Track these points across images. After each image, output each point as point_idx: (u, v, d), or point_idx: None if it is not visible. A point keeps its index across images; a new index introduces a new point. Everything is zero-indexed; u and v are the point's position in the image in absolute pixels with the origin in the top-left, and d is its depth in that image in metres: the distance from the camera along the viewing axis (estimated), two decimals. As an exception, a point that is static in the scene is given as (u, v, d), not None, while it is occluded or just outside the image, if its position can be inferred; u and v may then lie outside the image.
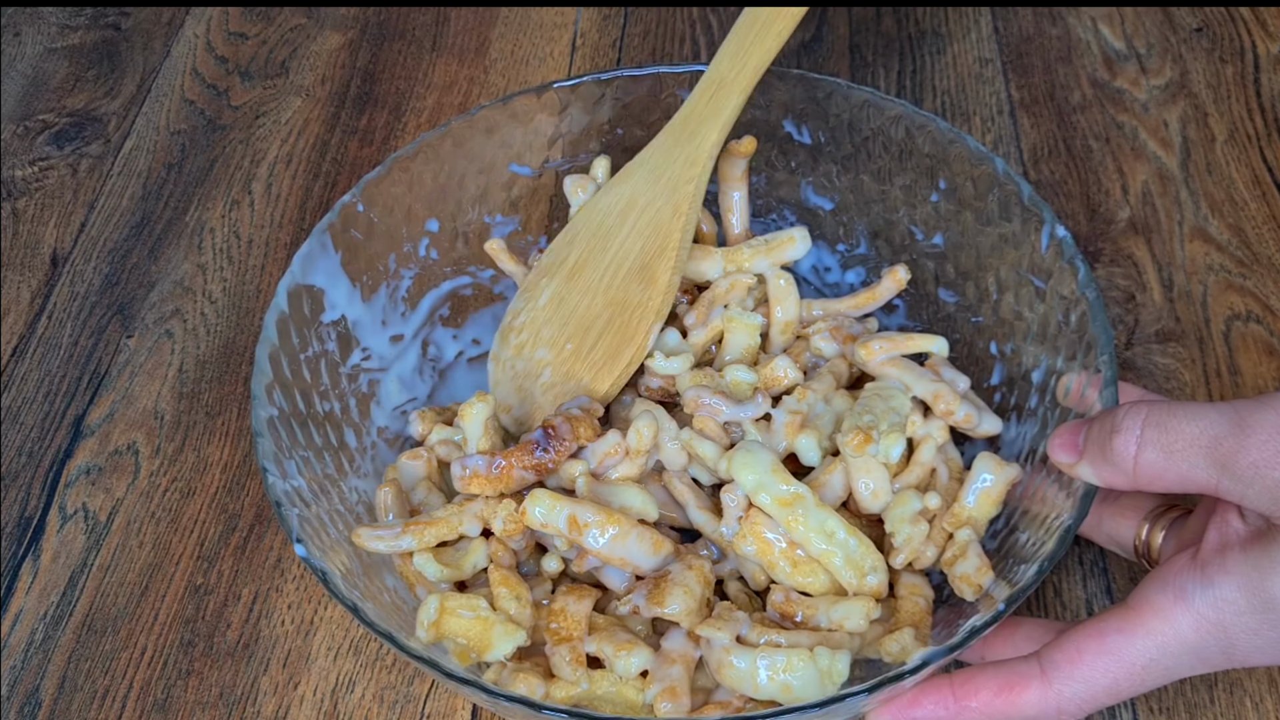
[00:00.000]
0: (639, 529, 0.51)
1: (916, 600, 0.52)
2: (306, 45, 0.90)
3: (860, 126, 0.63)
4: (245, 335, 0.71)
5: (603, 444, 0.54)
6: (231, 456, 0.66)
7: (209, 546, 0.62)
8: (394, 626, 0.48)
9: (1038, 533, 0.49)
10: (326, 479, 0.55)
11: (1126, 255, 0.71)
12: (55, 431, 0.67)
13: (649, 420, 0.53)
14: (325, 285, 0.59)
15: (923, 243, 0.63)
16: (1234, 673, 0.55)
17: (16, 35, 0.92)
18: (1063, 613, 0.57)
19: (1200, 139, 0.78)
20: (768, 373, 0.57)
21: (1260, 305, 0.68)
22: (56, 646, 0.59)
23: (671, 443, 0.55)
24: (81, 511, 0.64)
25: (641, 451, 0.53)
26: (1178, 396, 0.65)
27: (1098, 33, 0.85)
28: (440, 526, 0.53)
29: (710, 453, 0.54)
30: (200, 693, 0.57)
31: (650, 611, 0.50)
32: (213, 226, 0.78)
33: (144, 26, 0.92)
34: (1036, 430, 0.54)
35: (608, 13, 0.90)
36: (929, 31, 0.86)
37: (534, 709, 0.43)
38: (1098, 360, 0.51)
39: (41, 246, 0.77)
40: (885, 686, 0.43)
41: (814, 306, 0.61)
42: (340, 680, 0.57)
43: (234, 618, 0.60)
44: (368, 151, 0.82)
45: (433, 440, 0.57)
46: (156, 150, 0.83)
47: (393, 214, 0.62)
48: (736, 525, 0.51)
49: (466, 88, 0.86)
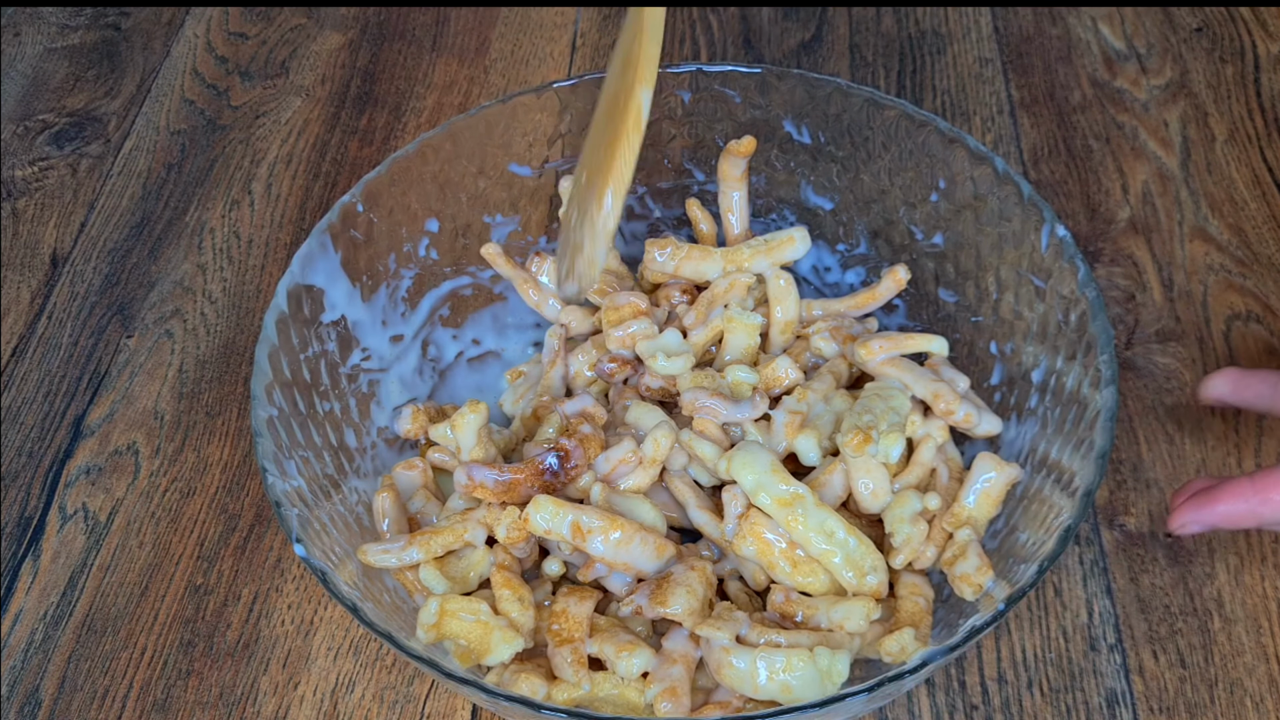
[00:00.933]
0: (642, 533, 0.51)
1: (916, 600, 0.52)
2: (306, 45, 0.90)
3: (860, 126, 0.63)
4: (245, 335, 0.71)
5: (616, 452, 0.54)
6: (231, 456, 0.66)
7: (209, 547, 0.62)
8: (394, 627, 0.48)
9: (1038, 532, 0.49)
10: (326, 479, 0.55)
11: (1127, 255, 0.71)
12: (55, 431, 0.67)
13: (667, 431, 0.53)
14: (325, 285, 0.59)
15: (923, 243, 0.63)
16: (1234, 672, 0.55)
17: (16, 35, 0.92)
18: (1063, 613, 0.57)
19: (1200, 139, 0.78)
20: (769, 373, 0.57)
21: (1260, 305, 0.68)
22: (56, 646, 0.59)
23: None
24: (81, 511, 0.64)
25: (657, 461, 0.53)
26: (1178, 396, 0.65)
27: (1098, 32, 0.85)
28: (446, 536, 0.53)
29: (710, 453, 0.54)
30: (200, 693, 0.57)
31: (654, 612, 0.50)
32: (213, 226, 0.78)
33: (144, 26, 0.92)
34: (1036, 430, 0.54)
35: (608, 12, 0.90)
36: (929, 31, 0.86)
37: (533, 709, 0.43)
38: (1098, 360, 0.51)
39: (41, 246, 0.77)
40: (885, 686, 0.43)
41: (814, 307, 0.61)
42: (340, 680, 0.57)
43: (234, 618, 0.60)
44: (368, 151, 0.82)
45: (423, 441, 0.57)
46: (156, 150, 0.83)
47: (392, 214, 0.62)
48: (736, 525, 0.51)
49: (466, 87, 0.86)
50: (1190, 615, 0.57)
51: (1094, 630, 0.57)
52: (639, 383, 0.59)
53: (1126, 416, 0.64)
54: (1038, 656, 0.56)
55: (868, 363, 0.56)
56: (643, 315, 0.59)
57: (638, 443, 0.54)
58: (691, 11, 0.89)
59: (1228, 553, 0.59)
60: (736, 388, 0.56)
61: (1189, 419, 0.64)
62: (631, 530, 0.50)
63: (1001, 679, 0.55)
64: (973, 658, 0.56)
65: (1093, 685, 0.55)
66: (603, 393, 0.62)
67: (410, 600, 0.53)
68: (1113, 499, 0.61)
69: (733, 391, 0.56)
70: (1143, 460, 0.62)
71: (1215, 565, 0.58)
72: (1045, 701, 0.55)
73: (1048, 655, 0.56)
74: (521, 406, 0.62)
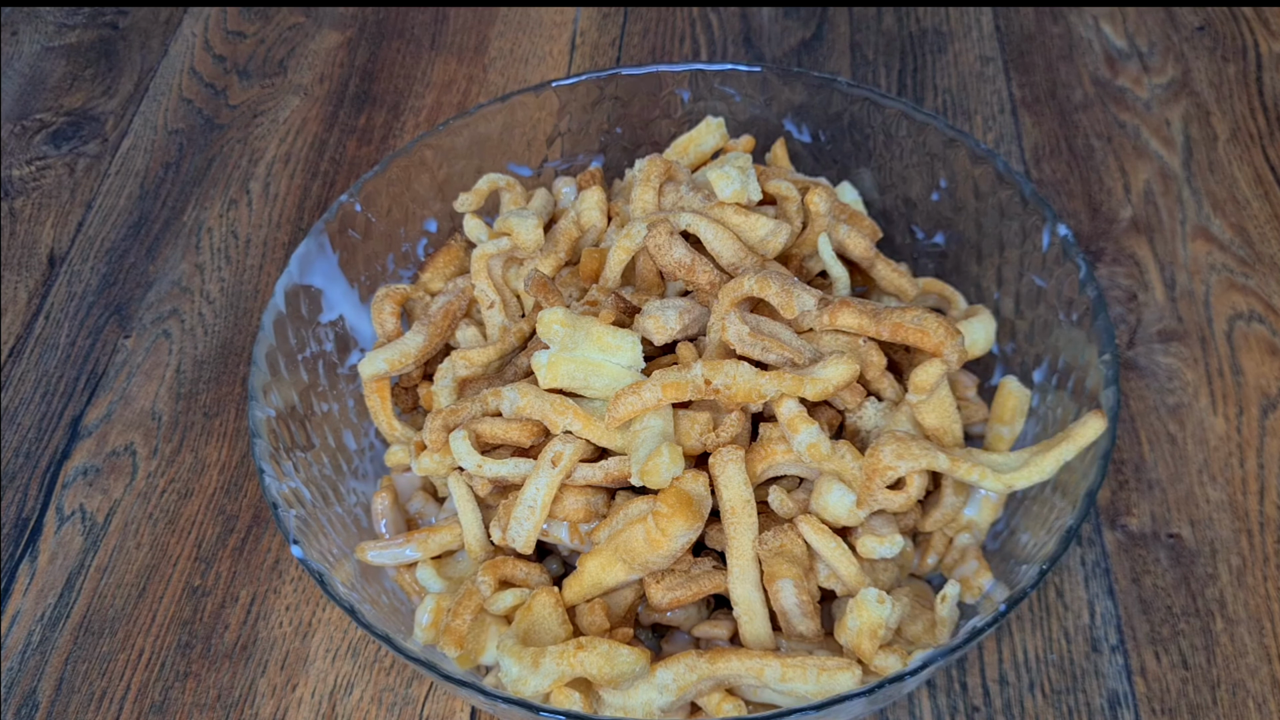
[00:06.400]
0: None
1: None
2: (305, 44, 0.90)
3: (861, 125, 0.63)
4: (243, 335, 0.71)
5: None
6: (229, 457, 0.66)
7: (207, 548, 0.62)
8: (392, 628, 0.48)
9: (1039, 534, 0.49)
10: (324, 480, 0.54)
11: (1128, 254, 0.71)
12: (52, 432, 0.67)
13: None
14: (323, 285, 0.59)
15: (924, 242, 0.63)
16: (1237, 674, 0.55)
17: (14, 34, 0.91)
18: (1065, 614, 0.57)
19: (1202, 138, 0.77)
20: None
21: (1263, 305, 0.68)
22: (54, 648, 0.59)
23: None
24: (79, 513, 0.64)
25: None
26: (1180, 396, 0.64)
27: (1099, 31, 0.85)
28: (443, 534, 0.52)
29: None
30: (198, 695, 0.57)
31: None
32: (210, 226, 0.77)
33: (142, 25, 0.92)
34: (1038, 430, 0.54)
35: (607, 11, 0.90)
36: (930, 30, 0.86)
37: (532, 711, 0.43)
38: (1099, 360, 0.51)
39: (39, 246, 0.77)
40: (886, 688, 0.43)
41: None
42: (338, 682, 0.57)
43: (232, 619, 0.59)
44: (366, 151, 0.81)
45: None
46: (154, 149, 0.83)
47: (391, 214, 0.62)
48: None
49: (465, 86, 0.85)
50: (1192, 616, 0.57)
51: (1096, 631, 0.56)
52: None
53: (1128, 416, 0.64)
54: (1039, 658, 0.56)
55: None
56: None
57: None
58: (691, 10, 0.89)
59: (1230, 553, 0.59)
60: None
61: (1191, 419, 0.63)
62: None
63: (1003, 680, 0.55)
64: (974, 659, 0.56)
65: (1094, 687, 0.55)
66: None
67: (408, 602, 0.53)
68: (1115, 499, 0.61)
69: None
70: (1145, 461, 0.62)
71: (1217, 566, 0.58)
72: (1047, 703, 0.54)
73: (1049, 656, 0.56)
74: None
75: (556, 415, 0.49)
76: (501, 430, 0.51)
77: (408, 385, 0.59)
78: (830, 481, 0.49)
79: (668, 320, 0.51)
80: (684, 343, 0.52)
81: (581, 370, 0.50)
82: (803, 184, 0.59)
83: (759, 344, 0.49)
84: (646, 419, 0.49)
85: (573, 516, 0.50)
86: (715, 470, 0.48)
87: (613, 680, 0.46)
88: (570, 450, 0.49)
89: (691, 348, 0.51)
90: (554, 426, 0.49)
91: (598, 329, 0.50)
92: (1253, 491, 0.60)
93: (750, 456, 0.49)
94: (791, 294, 0.50)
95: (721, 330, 0.50)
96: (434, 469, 0.53)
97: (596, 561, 0.49)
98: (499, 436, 0.51)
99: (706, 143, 0.61)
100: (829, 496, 0.49)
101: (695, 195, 0.56)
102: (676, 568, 0.49)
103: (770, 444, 0.49)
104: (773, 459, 0.49)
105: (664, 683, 0.46)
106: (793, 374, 0.48)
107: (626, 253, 0.54)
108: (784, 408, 0.48)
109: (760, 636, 0.48)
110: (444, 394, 0.55)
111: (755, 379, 0.48)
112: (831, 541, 0.48)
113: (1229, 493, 0.60)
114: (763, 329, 0.50)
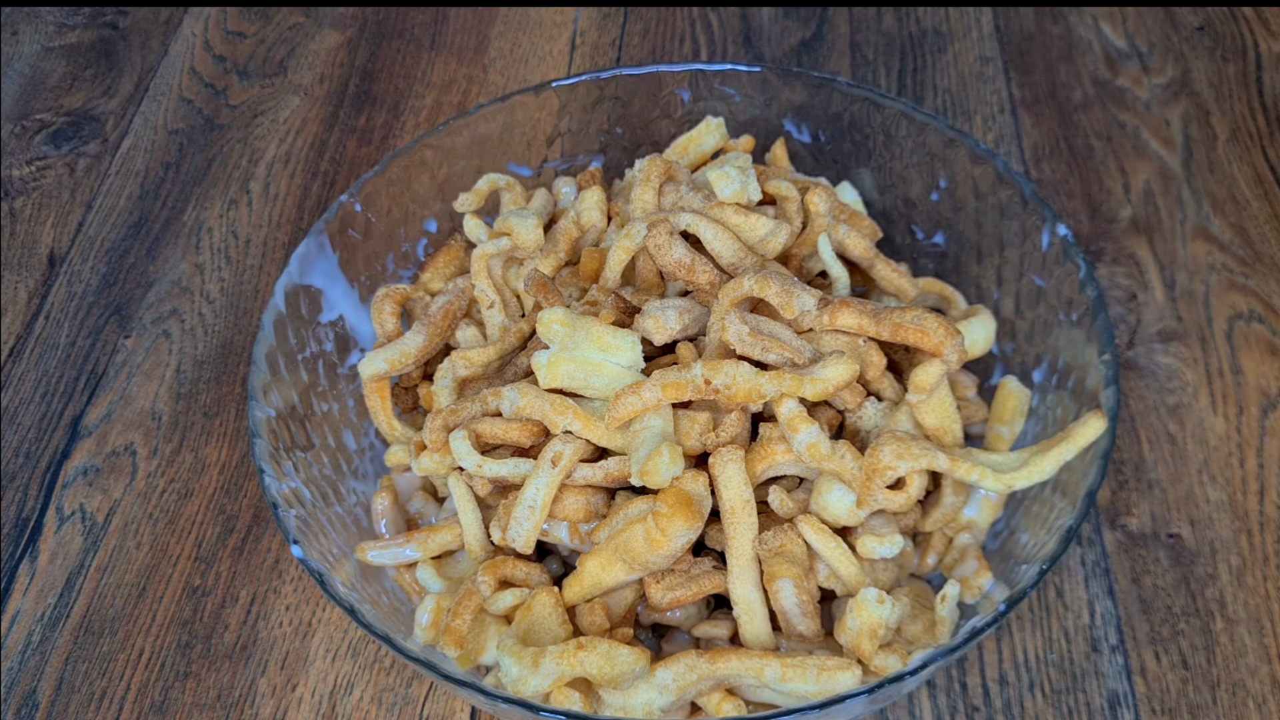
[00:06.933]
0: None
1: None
2: (305, 44, 0.90)
3: (860, 125, 0.63)
4: (243, 335, 0.71)
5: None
6: (229, 457, 0.66)
7: (207, 548, 0.62)
8: (392, 628, 0.48)
9: (1039, 533, 0.49)
10: (324, 480, 0.54)
11: (1128, 254, 0.71)
12: (53, 432, 0.67)
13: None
14: (323, 285, 0.59)
15: (924, 242, 0.63)
16: (1237, 674, 0.55)
17: (14, 34, 0.91)
18: (1065, 614, 0.57)
19: (1202, 138, 0.77)
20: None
21: (1263, 305, 0.68)
22: (54, 648, 0.59)
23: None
24: (79, 512, 0.64)
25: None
26: (1180, 396, 0.64)
27: (1099, 31, 0.85)
28: (443, 534, 0.52)
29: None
30: (198, 695, 0.57)
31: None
32: (210, 226, 0.77)
33: (142, 25, 0.92)
34: (1038, 430, 0.54)
35: (607, 11, 0.90)
36: (930, 30, 0.86)
37: (532, 711, 0.43)
38: (1099, 360, 0.51)
39: (39, 246, 0.77)
40: (886, 688, 0.43)
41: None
42: (338, 682, 0.57)
43: (232, 619, 0.59)
44: (366, 151, 0.81)
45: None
46: (154, 150, 0.83)
47: (391, 214, 0.62)
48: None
49: (465, 86, 0.85)
50: (1192, 616, 0.57)
51: (1096, 631, 0.56)
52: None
53: (1128, 416, 0.64)
54: (1039, 658, 0.56)
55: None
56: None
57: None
58: (691, 10, 0.89)
59: (1230, 553, 0.59)
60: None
61: (1191, 419, 0.63)
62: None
63: (1003, 680, 0.55)
64: (974, 659, 0.56)
65: (1094, 687, 0.55)
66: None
67: (408, 602, 0.53)
68: (1115, 499, 0.61)
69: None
70: (1145, 460, 0.62)
71: (1217, 566, 0.58)
72: (1047, 703, 0.54)
73: (1049, 656, 0.56)
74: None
75: (556, 415, 0.49)
76: (501, 430, 0.51)
77: (408, 385, 0.59)
78: (830, 481, 0.49)
79: (668, 320, 0.51)
80: (684, 343, 0.52)
81: (581, 370, 0.50)
82: (802, 184, 0.59)
83: (759, 344, 0.49)
84: (646, 419, 0.49)
85: (573, 516, 0.50)
86: (715, 470, 0.48)
87: (613, 680, 0.46)
88: (570, 450, 0.49)
89: (691, 348, 0.51)
90: (554, 426, 0.49)
91: (597, 329, 0.50)
92: (1253, 491, 0.60)
93: (750, 456, 0.49)
94: (791, 294, 0.50)
95: (721, 330, 0.50)
96: (434, 469, 0.53)
97: (596, 561, 0.49)
98: (499, 436, 0.51)
99: (706, 143, 0.61)
100: (829, 496, 0.49)
101: (695, 195, 0.56)
102: (676, 568, 0.49)
103: (770, 444, 0.49)
104: (773, 459, 0.49)
105: (664, 682, 0.46)
106: (793, 374, 0.48)
107: (626, 253, 0.54)
108: (784, 408, 0.48)
109: (760, 636, 0.48)
110: (444, 394, 0.55)
111: (755, 379, 0.48)
112: (831, 541, 0.48)
113: (1229, 493, 0.61)
114: (763, 329, 0.50)
